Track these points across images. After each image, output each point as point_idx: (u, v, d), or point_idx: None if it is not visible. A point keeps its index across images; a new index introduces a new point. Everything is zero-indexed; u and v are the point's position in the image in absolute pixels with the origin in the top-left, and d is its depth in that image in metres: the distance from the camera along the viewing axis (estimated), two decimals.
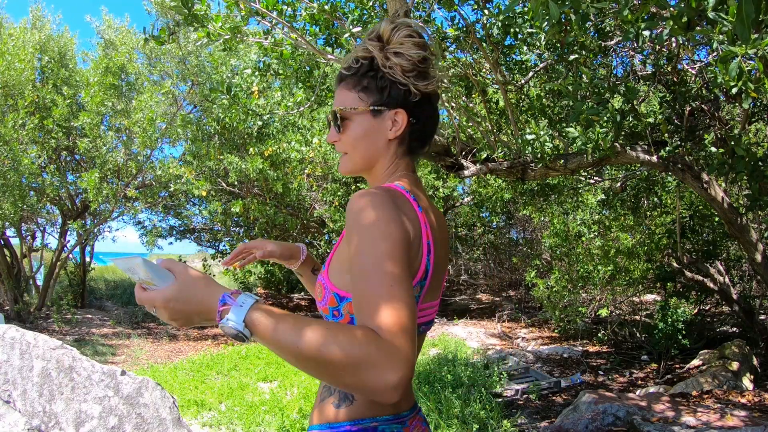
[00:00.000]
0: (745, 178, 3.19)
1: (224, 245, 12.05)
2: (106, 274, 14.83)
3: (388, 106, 1.13)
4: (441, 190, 9.98)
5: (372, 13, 3.69)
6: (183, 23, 3.21)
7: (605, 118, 3.08)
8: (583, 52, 3.19)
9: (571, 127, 3.19)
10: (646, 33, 2.42)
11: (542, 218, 7.99)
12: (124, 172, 9.60)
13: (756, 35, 1.63)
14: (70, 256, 10.83)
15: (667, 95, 3.89)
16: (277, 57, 3.85)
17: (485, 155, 3.89)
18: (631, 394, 4.32)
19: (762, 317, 6.21)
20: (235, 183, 9.20)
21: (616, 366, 6.36)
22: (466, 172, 3.90)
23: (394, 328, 0.81)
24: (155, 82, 9.83)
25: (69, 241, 10.33)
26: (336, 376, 0.80)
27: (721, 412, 3.57)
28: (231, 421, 4.56)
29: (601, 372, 6.14)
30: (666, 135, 3.72)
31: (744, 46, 1.49)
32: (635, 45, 3.82)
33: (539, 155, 3.41)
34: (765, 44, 1.59)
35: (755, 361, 5.24)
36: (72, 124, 8.97)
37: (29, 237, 11.14)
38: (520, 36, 3.27)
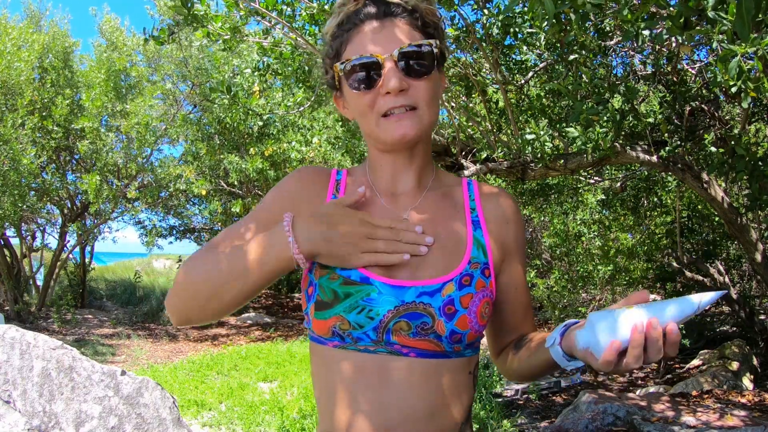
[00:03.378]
0: (745, 177, 3.19)
1: None
2: (106, 274, 14.84)
3: (442, 62, 0.92)
4: None
5: None
6: (183, 23, 3.21)
7: (605, 118, 3.08)
8: (583, 52, 3.18)
9: (571, 127, 3.19)
10: (646, 33, 2.42)
11: (542, 218, 7.99)
12: (124, 172, 9.61)
13: (756, 34, 1.63)
14: (70, 256, 10.83)
15: (667, 95, 3.89)
16: (277, 57, 3.85)
17: (485, 155, 3.89)
18: (631, 394, 4.32)
19: (762, 317, 6.21)
20: (235, 183, 9.21)
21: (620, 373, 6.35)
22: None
23: None
24: (155, 82, 9.83)
25: (69, 241, 10.34)
26: None
27: (721, 412, 3.57)
28: (231, 421, 4.56)
29: (601, 372, 6.14)
30: (666, 135, 3.72)
31: (744, 44, 1.49)
32: (635, 45, 3.82)
33: (539, 155, 3.41)
34: (765, 43, 1.59)
35: (755, 361, 5.24)
36: (72, 126, 8.97)
37: (29, 237, 11.14)
38: (520, 36, 3.27)
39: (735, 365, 4.98)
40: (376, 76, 0.85)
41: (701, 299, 0.75)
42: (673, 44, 3.17)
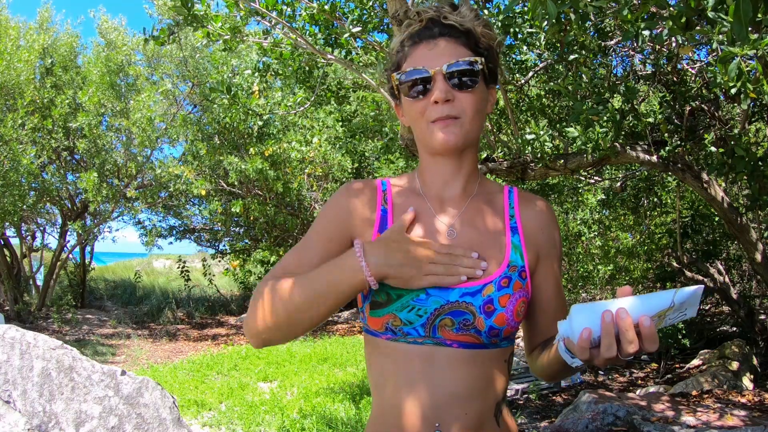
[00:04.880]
0: (745, 178, 3.19)
1: (224, 245, 12.05)
2: (106, 274, 14.85)
3: (492, 80, 1.04)
4: None
5: (372, 13, 3.69)
6: (183, 23, 3.22)
7: (605, 118, 3.08)
8: (583, 52, 3.19)
9: (571, 127, 3.19)
10: (646, 33, 2.42)
11: None
12: (124, 172, 9.60)
13: (755, 35, 1.63)
14: (70, 256, 10.83)
15: (667, 95, 3.89)
16: (277, 57, 3.85)
17: (485, 155, 3.89)
18: (631, 394, 4.32)
19: (762, 317, 6.21)
20: (235, 183, 9.21)
21: (616, 366, 6.36)
22: None
23: None
24: (154, 82, 9.83)
25: (69, 241, 10.34)
26: None
27: (721, 411, 3.57)
28: (231, 421, 4.56)
29: (601, 372, 6.14)
30: (666, 135, 3.72)
31: (743, 46, 1.49)
32: (635, 45, 3.82)
33: (539, 155, 3.41)
34: (764, 44, 1.59)
35: (755, 361, 5.24)
36: (71, 125, 8.97)
37: (29, 237, 11.15)
38: (520, 36, 3.27)
39: (735, 365, 4.98)
40: (428, 87, 0.97)
41: (677, 293, 0.76)
42: (673, 44, 3.17)
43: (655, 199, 6.04)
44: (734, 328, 6.75)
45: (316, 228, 1.05)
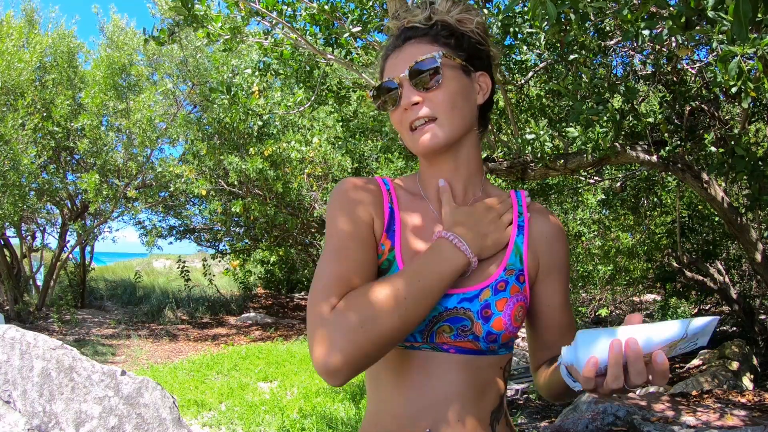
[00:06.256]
0: (745, 177, 3.19)
1: (224, 245, 12.04)
2: (106, 274, 14.84)
3: (474, 67, 0.99)
4: None
5: (372, 13, 3.69)
6: (183, 24, 3.22)
7: (605, 118, 3.08)
8: (583, 52, 3.19)
9: (571, 127, 3.19)
10: (646, 33, 2.42)
11: None
12: (124, 172, 9.60)
13: (755, 35, 1.63)
14: (70, 256, 10.83)
15: (667, 95, 3.89)
16: (277, 57, 3.85)
17: (485, 155, 3.89)
18: (631, 394, 4.32)
19: (762, 317, 6.21)
20: (235, 183, 9.21)
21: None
22: None
23: None
24: (155, 81, 9.83)
25: (69, 241, 10.34)
26: None
27: (721, 411, 3.57)
28: (231, 421, 4.56)
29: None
30: (666, 135, 3.72)
31: (743, 45, 1.49)
32: (635, 45, 3.82)
33: (539, 155, 3.41)
34: (764, 44, 1.59)
35: (755, 361, 5.24)
36: (72, 125, 8.97)
37: (29, 237, 11.14)
38: (519, 36, 3.27)
39: (735, 365, 4.98)
40: (398, 96, 0.96)
41: (690, 324, 0.71)
42: (673, 44, 3.17)
43: (655, 199, 6.05)
44: (734, 328, 6.75)
45: (344, 231, 0.95)
